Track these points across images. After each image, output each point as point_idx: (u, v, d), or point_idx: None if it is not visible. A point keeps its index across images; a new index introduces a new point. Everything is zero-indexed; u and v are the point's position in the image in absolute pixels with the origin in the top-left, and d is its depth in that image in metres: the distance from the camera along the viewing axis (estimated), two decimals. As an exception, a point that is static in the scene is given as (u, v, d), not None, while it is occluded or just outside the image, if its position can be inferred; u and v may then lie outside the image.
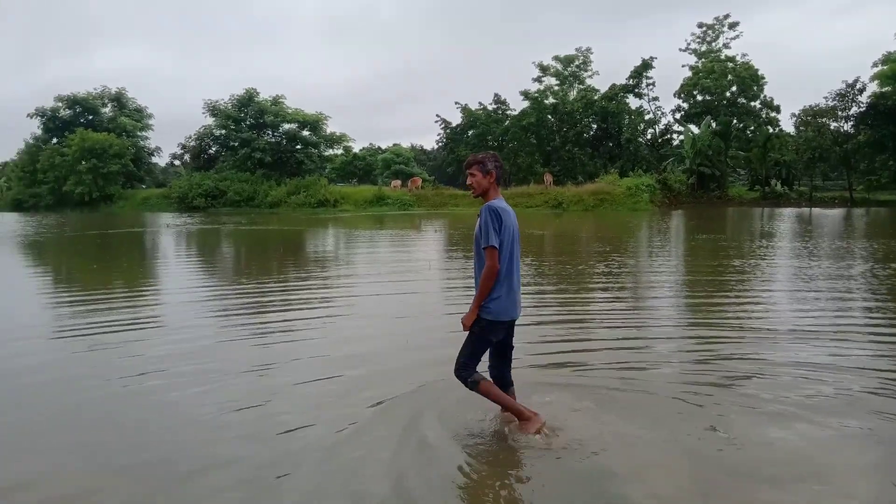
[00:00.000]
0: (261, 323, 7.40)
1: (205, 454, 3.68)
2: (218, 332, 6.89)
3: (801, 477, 3.31)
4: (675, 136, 57.94)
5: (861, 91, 44.40)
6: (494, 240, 3.65)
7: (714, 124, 48.96)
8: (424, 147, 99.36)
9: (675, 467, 3.45)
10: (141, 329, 7.04)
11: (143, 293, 9.93)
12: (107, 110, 58.49)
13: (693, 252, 15.52)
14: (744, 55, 55.01)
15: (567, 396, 4.47)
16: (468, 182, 3.91)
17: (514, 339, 4.09)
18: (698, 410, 4.23)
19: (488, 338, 3.83)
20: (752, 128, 54.01)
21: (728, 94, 54.07)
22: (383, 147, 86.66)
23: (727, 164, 49.67)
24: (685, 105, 56.16)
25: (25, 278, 12.33)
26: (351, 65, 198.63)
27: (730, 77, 53.72)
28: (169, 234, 25.17)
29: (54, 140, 56.40)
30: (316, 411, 4.30)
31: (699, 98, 54.86)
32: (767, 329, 6.65)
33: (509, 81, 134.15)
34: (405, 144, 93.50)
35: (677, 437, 3.78)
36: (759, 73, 53.75)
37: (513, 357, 4.15)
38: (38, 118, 56.49)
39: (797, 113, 48.01)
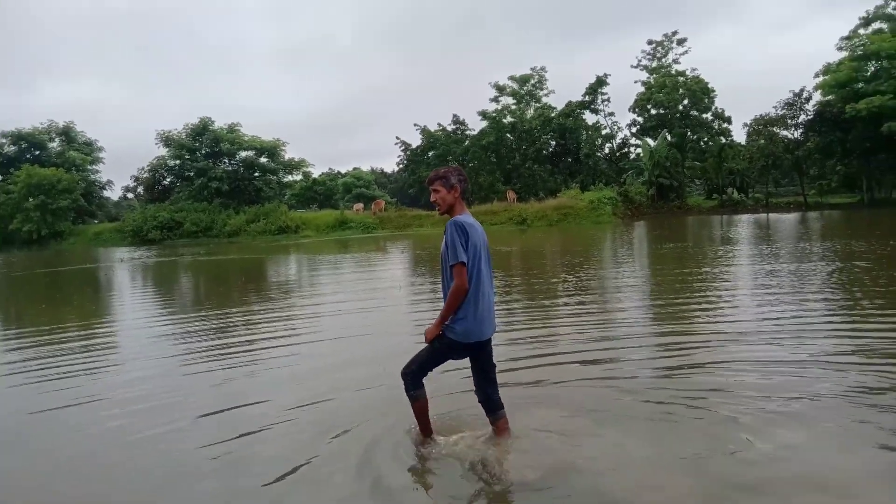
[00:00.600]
0: (233, 353, 6.83)
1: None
2: (177, 368, 6.31)
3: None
4: (632, 149, 59.01)
5: (808, 100, 46.03)
6: (462, 255, 3.50)
7: (669, 137, 50.01)
8: (385, 170, 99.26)
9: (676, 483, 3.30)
10: (90, 368, 6.40)
11: (95, 331, 9.21)
12: (54, 145, 56.49)
13: (664, 260, 15.44)
14: (693, 70, 56.63)
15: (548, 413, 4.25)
16: (432, 199, 3.76)
17: (493, 357, 3.85)
18: (689, 421, 4.08)
19: (448, 355, 3.71)
20: (706, 139, 55.38)
21: (680, 107, 55.37)
22: (343, 171, 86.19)
23: (685, 175, 50.68)
24: (640, 119, 57.27)
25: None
26: (308, 91, 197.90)
27: (681, 91, 55.04)
28: (123, 268, 24.12)
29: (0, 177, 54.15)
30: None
31: (653, 112, 56.03)
32: (747, 332, 6.44)
33: (467, 102, 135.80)
34: (365, 168, 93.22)
35: (673, 452, 3.63)
36: (710, 86, 55.26)
37: (496, 377, 3.85)
38: (-20, 155, 54.18)
39: (749, 122, 49.44)
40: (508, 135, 57.36)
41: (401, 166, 66.82)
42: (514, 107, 59.83)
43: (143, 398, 5.29)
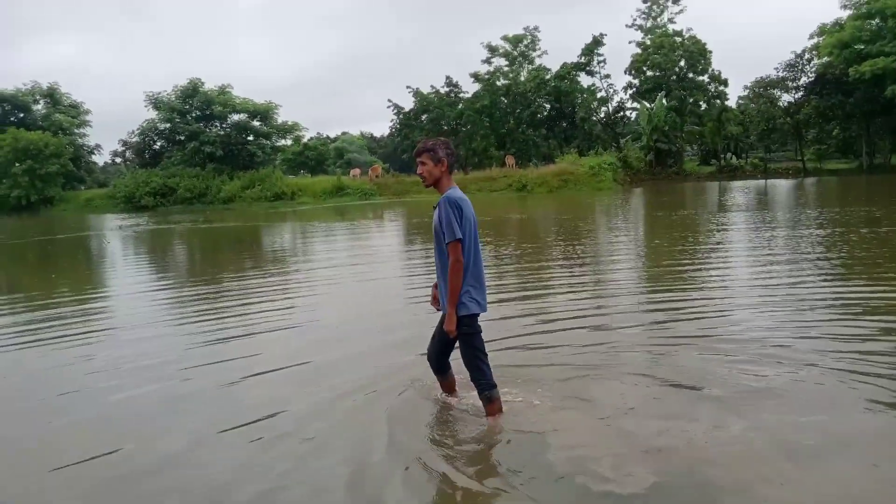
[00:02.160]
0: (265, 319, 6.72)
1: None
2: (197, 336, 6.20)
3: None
4: (628, 113, 58.54)
5: (809, 61, 45.63)
6: (459, 232, 3.53)
7: (666, 100, 49.58)
8: (374, 134, 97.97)
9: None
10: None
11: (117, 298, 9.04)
12: (39, 107, 55.05)
13: (687, 229, 15.39)
14: (689, 29, 55.81)
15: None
16: (418, 171, 3.74)
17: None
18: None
19: (478, 331, 3.72)
20: (702, 102, 55.03)
21: (677, 68, 54.81)
22: (332, 136, 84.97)
23: (683, 140, 50.48)
24: (636, 81, 56.67)
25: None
26: (296, 53, 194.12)
27: (678, 52, 54.39)
28: (125, 236, 23.72)
29: (-18, 142, 52.76)
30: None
31: (650, 74, 55.41)
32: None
33: (461, 64, 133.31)
34: (354, 132, 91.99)
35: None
36: (706, 46, 54.61)
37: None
38: (-38, 118, 52.69)
39: (749, 85, 49.06)
40: (503, 98, 56.64)
41: (394, 130, 66.02)
42: (506, 68, 58.97)
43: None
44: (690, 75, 55.06)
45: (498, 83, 57.27)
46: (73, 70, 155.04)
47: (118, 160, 62.98)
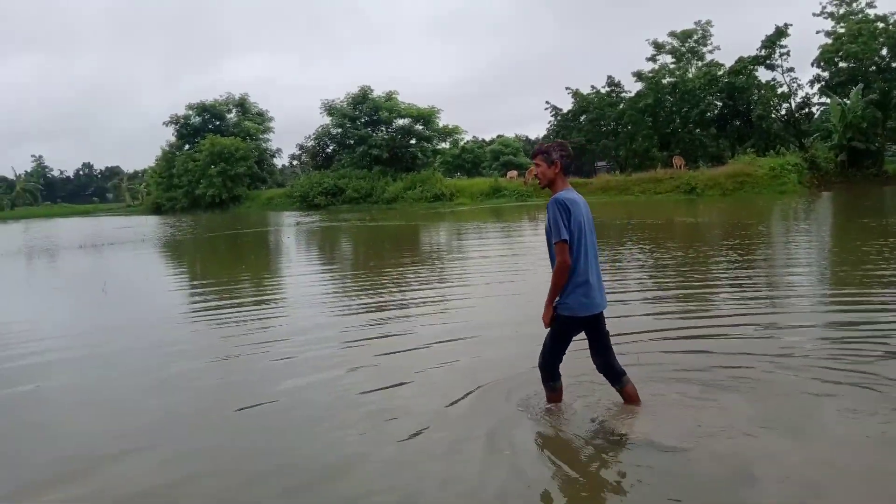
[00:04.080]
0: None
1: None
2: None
3: None
4: (814, 108, 52.80)
5: None
6: (564, 233, 3.59)
7: (863, 94, 43.89)
8: (529, 137, 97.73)
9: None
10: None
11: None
12: (231, 116, 61.62)
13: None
14: (893, 13, 48.96)
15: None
16: (533, 173, 3.88)
17: (606, 326, 3.93)
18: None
19: (569, 333, 3.80)
20: (909, 95, 48.09)
21: (877, 58, 48.38)
22: (487, 139, 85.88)
23: (884, 138, 44.44)
24: (825, 74, 50.89)
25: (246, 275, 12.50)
26: (459, 59, 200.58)
27: (880, 39, 47.97)
28: (305, 231, 25.57)
29: (187, 146, 60.18)
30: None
31: (843, 65, 49.46)
32: None
33: (623, 63, 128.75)
34: (509, 135, 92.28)
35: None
36: (917, 31, 47.61)
37: (612, 344, 3.96)
38: (172, 126, 60.52)
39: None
40: (668, 96, 53.68)
41: (551, 132, 65.24)
42: (672, 66, 55.79)
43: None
44: (895, 65, 48.44)
45: (664, 81, 54.39)
46: (261, 82, 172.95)
47: (295, 163, 68.60)
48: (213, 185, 54.39)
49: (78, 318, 8.69)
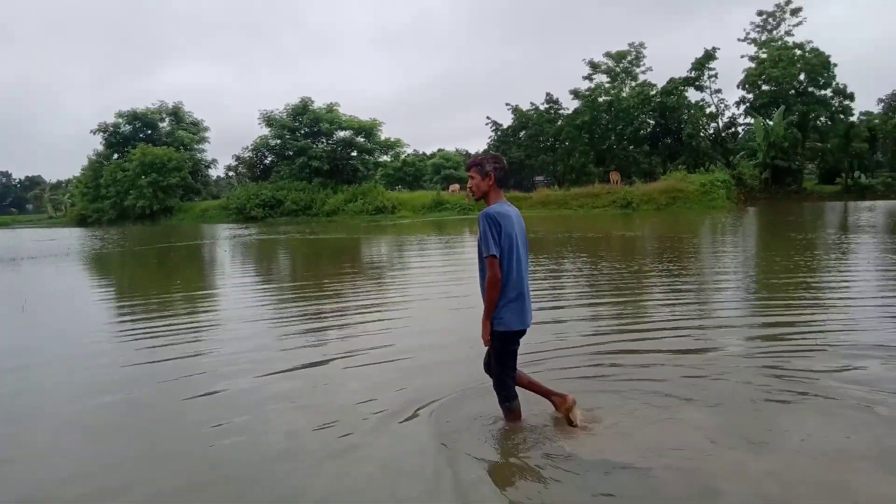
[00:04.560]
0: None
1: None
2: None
3: None
4: (740, 129, 55.64)
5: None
6: (494, 248, 3.55)
7: (784, 116, 46.51)
8: (469, 151, 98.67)
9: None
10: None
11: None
12: (164, 125, 59.48)
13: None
14: (808, 42, 52.34)
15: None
16: (468, 185, 3.82)
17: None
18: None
19: (510, 347, 3.75)
20: (823, 118, 51.34)
21: (796, 83, 51.52)
22: (428, 153, 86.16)
23: (803, 157, 47.15)
24: (750, 96, 53.77)
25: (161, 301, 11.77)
26: (401, 73, 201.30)
27: (798, 65, 51.12)
28: (242, 245, 24.74)
29: (115, 155, 57.62)
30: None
31: (765, 88, 52.40)
32: None
33: (561, 81, 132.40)
34: (450, 149, 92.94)
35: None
36: (830, 59, 50.96)
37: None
38: (101, 134, 57.80)
39: (884, 98, 45.15)
40: (604, 114, 55.34)
41: (492, 147, 66.03)
42: (607, 85, 57.65)
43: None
44: (811, 89, 51.65)
45: (600, 99, 56.09)
46: (198, 91, 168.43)
47: (231, 174, 66.69)
48: (143, 196, 52.19)
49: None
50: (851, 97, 51.18)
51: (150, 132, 57.79)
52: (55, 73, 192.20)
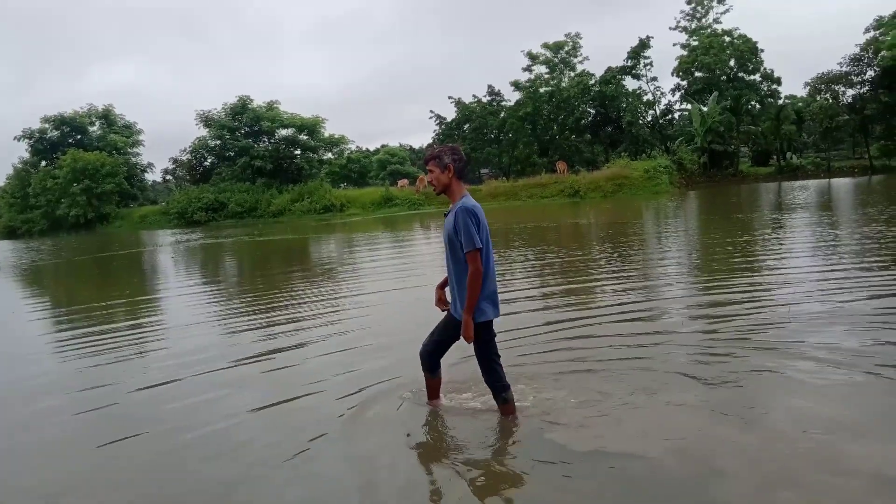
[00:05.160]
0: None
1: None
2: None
3: None
4: (676, 115, 57.34)
5: (877, 54, 43.66)
6: (478, 241, 3.54)
7: (717, 101, 48.25)
8: (413, 146, 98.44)
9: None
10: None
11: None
12: (95, 129, 56.84)
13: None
14: (736, 28, 54.41)
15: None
16: (427, 179, 3.82)
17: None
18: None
19: (491, 339, 3.75)
20: (754, 102, 53.51)
21: (727, 69, 53.51)
22: (372, 149, 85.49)
23: (738, 140, 49.01)
24: (684, 83, 55.50)
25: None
26: (342, 68, 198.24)
27: (727, 52, 53.07)
28: (185, 250, 23.89)
29: (43, 163, 54.80)
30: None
31: (698, 75, 54.19)
32: None
33: (503, 73, 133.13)
34: (394, 144, 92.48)
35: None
36: (757, 44, 53.13)
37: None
38: (26, 140, 54.75)
39: (809, 81, 47.36)
40: (546, 105, 56.05)
41: (437, 141, 65.96)
42: (546, 76, 58.47)
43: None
44: (741, 75, 53.72)
45: (541, 90, 56.76)
46: (131, 93, 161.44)
47: (169, 178, 64.48)
48: (76, 204, 49.76)
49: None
50: (779, 81, 53.55)
51: (79, 137, 55.10)
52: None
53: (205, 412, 4.49)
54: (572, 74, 57.81)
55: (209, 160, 52.52)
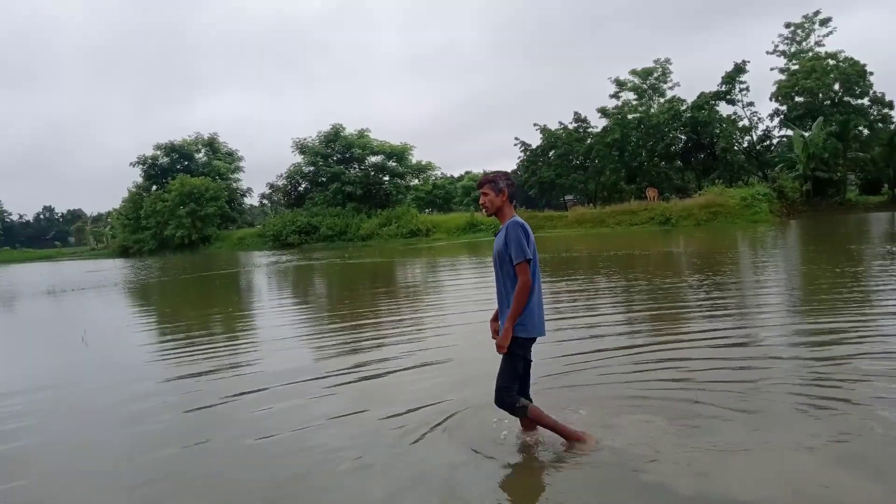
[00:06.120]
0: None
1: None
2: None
3: None
4: (775, 141, 54.78)
5: None
6: (528, 252, 3.65)
7: (822, 127, 45.68)
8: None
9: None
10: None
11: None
12: (200, 155, 60.93)
13: None
14: (840, 51, 51.53)
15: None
16: (480, 202, 3.94)
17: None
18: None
19: (523, 357, 3.78)
20: (862, 127, 50.30)
21: (831, 93, 50.69)
22: (456, 175, 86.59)
23: (845, 168, 46.13)
24: (783, 108, 53.02)
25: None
26: (431, 98, 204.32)
27: (832, 75, 50.31)
28: (285, 271, 24.97)
29: (154, 187, 59.13)
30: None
31: (799, 100, 51.62)
32: None
33: (588, 101, 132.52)
34: (477, 171, 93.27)
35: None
36: (866, 67, 50.04)
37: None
38: (140, 166, 59.44)
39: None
40: (634, 131, 55.05)
41: (521, 167, 66.05)
42: (634, 102, 57.50)
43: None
44: (847, 99, 50.73)
45: (629, 117, 55.90)
46: (233, 121, 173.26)
47: (265, 202, 67.88)
48: (182, 225, 53.33)
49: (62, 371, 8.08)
50: (890, 105, 50.11)
51: (186, 163, 59.25)
52: (96, 108, 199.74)
53: (290, 417, 4.83)
54: (661, 100, 56.66)
55: (303, 185, 54.98)
